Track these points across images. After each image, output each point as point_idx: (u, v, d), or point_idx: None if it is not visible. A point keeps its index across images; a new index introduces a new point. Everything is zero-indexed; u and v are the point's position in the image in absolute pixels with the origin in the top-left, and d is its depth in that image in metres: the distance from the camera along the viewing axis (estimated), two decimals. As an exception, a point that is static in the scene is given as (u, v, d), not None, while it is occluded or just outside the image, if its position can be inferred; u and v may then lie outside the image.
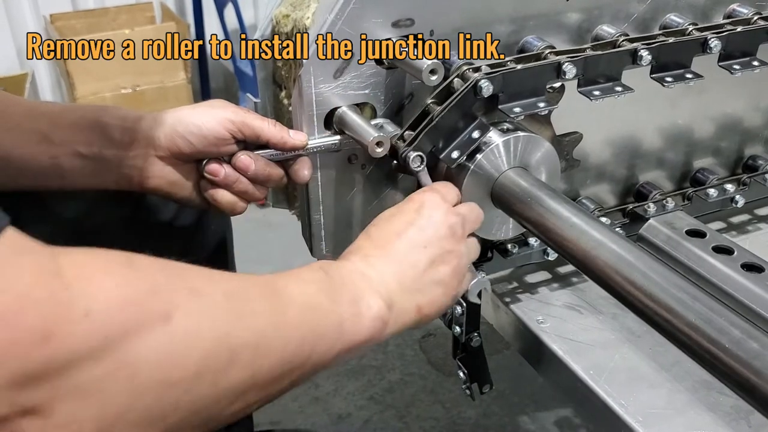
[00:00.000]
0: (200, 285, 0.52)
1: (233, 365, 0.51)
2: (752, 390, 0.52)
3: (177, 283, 0.51)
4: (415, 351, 1.92)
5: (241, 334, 0.52)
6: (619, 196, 0.98)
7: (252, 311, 0.55)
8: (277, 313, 0.56)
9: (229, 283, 0.55)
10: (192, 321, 0.49)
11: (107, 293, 0.45)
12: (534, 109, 0.77)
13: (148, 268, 0.50)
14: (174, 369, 0.47)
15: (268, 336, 0.55)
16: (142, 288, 0.47)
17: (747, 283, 0.83)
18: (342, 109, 0.77)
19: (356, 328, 0.62)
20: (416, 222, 0.69)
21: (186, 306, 0.49)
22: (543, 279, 0.94)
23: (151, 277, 0.49)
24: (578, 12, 0.84)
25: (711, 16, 0.91)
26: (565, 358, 0.81)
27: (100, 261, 0.47)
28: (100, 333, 0.44)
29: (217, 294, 0.53)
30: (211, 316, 0.51)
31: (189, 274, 0.53)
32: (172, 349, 0.47)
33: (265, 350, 0.54)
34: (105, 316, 0.44)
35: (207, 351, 0.49)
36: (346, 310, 0.62)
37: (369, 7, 0.74)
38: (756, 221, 1.06)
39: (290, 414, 1.74)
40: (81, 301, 0.44)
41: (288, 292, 0.59)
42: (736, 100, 0.99)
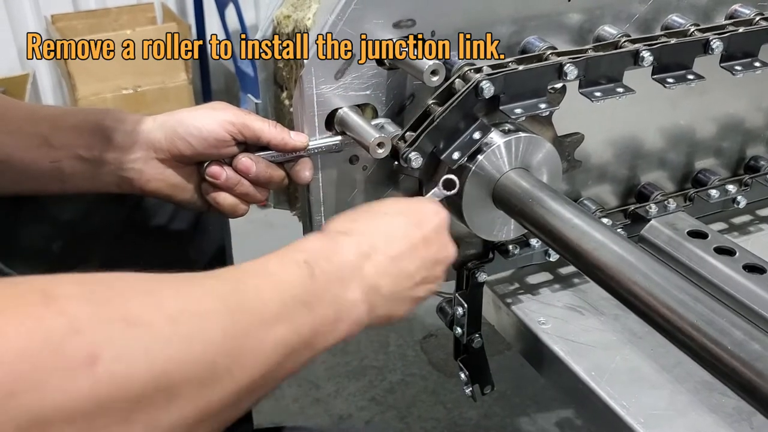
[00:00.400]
0: (139, 311, 0.45)
1: (174, 403, 0.44)
2: (754, 391, 0.52)
3: (107, 313, 0.43)
4: (417, 352, 1.92)
5: (185, 367, 0.45)
6: (620, 197, 0.98)
7: (203, 336, 0.47)
8: (237, 335, 0.49)
9: (178, 301, 0.48)
10: (123, 361, 0.42)
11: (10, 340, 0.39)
12: (535, 110, 0.77)
13: (70, 301, 0.42)
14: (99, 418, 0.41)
15: (219, 365, 0.47)
16: (58, 328, 0.40)
17: (749, 284, 0.83)
18: (343, 110, 0.77)
19: (332, 335, 0.57)
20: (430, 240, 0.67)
21: (116, 343, 0.42)
22: (544, 280, 0.94)
23: (72, 313, 0.42)
24: (580, 12, 0.84)
25: (713, 16, 0.91)
26: (567, 359, 0.81)
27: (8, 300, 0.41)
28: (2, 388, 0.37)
29: (158, 320, 0.45)
30: (149, 351, 0.43)
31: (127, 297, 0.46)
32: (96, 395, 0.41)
33: (214, 381, 0.47)
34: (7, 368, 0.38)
35: (140, 392, 0.43)
36: (323, 318, 0.56)
37: (370, 8, 0.74)
38: (758, 222, 1.06)
39: (291, 415, 1.74)
40: None
41: (257, 302, 0.52)
42: (737, 101, 0.99)
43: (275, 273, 0.56)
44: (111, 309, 0.44)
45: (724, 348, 0.53)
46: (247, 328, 0.50)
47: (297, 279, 0.56)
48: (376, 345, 1.94)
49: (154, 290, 0.48)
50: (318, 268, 0.57)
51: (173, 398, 0.44)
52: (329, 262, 0.59)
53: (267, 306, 0.52)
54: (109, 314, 0.43)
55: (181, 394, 0.45)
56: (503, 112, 0.76)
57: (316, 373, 1.84)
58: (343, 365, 1.87)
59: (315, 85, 0.75)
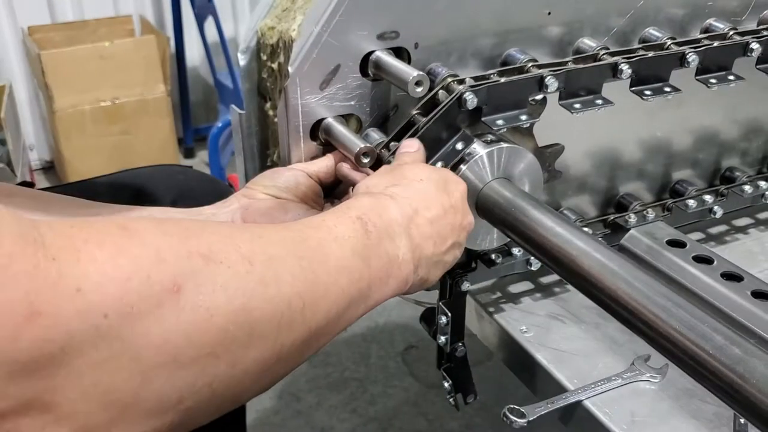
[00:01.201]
0: (215, 248, 0.46)
1: (254, 342, 0.46)
2: (735, 395, 0.53)
3: (186, 248, 0.44)
4: (398, 363, 1.92)
5: (262, 306, 0.47)
6: (600, 207, 1.00)
7: (277, 278, 0.49)
8: (306, 280, 0.51)
9: (252, 243, 0.49)
10: (204, 293, 0.43)
11: (100, 266, 0.39)
12: (516, 121, 0.78)
13: (150, 233, 0.43)
14: (186, 349, 0.42)
15: (293, 307, 0.49)
16: (143, 257, 0.41)
17: (727, 291, 0.84)
18: (328, 120, 0.78)
19: (383, 290, 0.60)
20: (457, 207, 0.70)
21: (197, 275, 0.43)
22: (526, 289, 0.95)
23: (153, 244, 0.42)
24: (560, 25, 0.85)
25: (688, 30, 0.93)
26: (549, 366, 0.82)
27: (89, 230, 0.41)
28: (95, 312, 0.38)
29: (235, 258, 0.46)
30: (228, 286, 0.45)
31: (201, 235, 0.46)
32: (181, 327, 0.42)
33: (289, 323, 0.49)
34: (99, 292, 0.39)
35: (223, 328, 0.44)
36: (378, 271, 0.59)
37: (355, 20, 0.74)
38: (734, 232, 1.08)
39: (273, 427, 1.73)
40: (70, 275, 0.38)
41: (321, 253, 0.54)
42: (713, 113, 1.01)
43: (334, 227, 0.58)
44: (190, 244, 0.45)
45: (706, 352, 0.54)
46: (314, 276, 0.52)
47: (353, 233, 0.58)
48: (357, 357, 1.93)
49: (227, 233, 0.49)
50: (371, 223, 0.60)
51: (253, 336, 0.46)
52: (380, 219, 0.61)
53: (329, 258, 0.54)
54: (189, 248, 0.44)
55: (260, 333, 0.46)
56: (485, 123, 0.77)
57: (297, 385, 1.84)
58: (324, 377, 1.87)
59: (300, 96, 0.75)
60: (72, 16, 2.86)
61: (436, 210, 0.67)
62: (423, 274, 0.66)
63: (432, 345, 0.91)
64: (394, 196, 0.65)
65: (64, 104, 2.59)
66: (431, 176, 0.70)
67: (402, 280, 0.62)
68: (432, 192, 0.68)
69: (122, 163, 2.42)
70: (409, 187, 0.67)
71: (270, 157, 0.92)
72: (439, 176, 0.71)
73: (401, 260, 0.62)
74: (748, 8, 0.95)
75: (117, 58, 2.60)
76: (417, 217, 0.65)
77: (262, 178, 0.77)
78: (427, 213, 0.66)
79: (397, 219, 0.63)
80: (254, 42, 0.88)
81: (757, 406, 0.52)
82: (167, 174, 1.01)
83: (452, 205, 0.69)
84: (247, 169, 0.93)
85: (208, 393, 0.44)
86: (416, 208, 0.66)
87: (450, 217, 0.69)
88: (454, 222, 0.69)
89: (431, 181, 0.69)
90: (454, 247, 0.70)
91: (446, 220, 0.68)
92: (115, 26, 2.86)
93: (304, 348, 0.51)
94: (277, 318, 0.48)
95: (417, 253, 0.64)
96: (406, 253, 0.63)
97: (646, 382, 0.79)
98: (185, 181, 1.02)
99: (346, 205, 0.62)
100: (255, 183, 0.77)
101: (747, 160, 1.08)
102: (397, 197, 0.65)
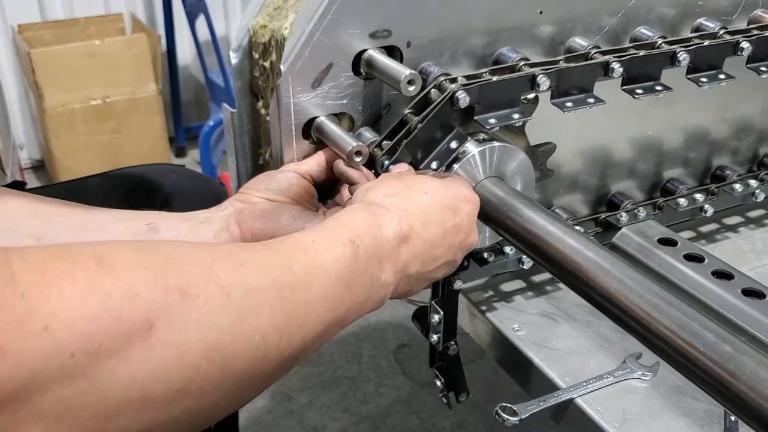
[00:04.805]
0: (193, 280, 0.45)
1: (226, 376, 0.45)
2: (726, 392, 0.53)
3: (162, 282, 0.43)
4: (390, 362, 1.92)
5: (237, 341, 0.46)
6: (591, 205, 1.00)
7: (255, 310, 0.48)
8: (285, 311, 0.50)
9: (233, 273, 0.48)
10: (177, 330, 0.42)
11: (70, 304, 0.39)
12: (509, 120, 0.78)
13: (125, 267, 0.42)
14: (154, 386, 0.42)
15: (269, 340, 0.48)
16: (116, 294, 0.41)
17: (717, 290, 0.85)
18: (320, 119, 0.78)
19: (360, 311, 0.59)
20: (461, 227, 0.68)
21: (171, 311, 0.42)
22: (518, 287, 0.95)
23: (127, 280, 0.42)
24: (551, 24, 0.86)
25: (679, 29, 0.93)
26: (541, 365, 0.82)
27: (63, 264, 0.40)
28: (62, 350, 0.38)
29: (213, 291, 0.45)
30: (202, 322, 0.44)
31: (181, 266, 0.45)
32: (151, 365, 0.41)
33: (264, 356, 0.48)
34: (67, 330, 0.38)
35: (194, 365, 0.43)
36: (358, 296, 0.58)
37: (347, 19, 0.74)
38: (724, 230, 1.09)
39: (265, 427, 1.73)
40: (38, 313, 0.37)
41: (304, 281, 0.53)
42: (703, 112, 1.02)
43: (323, 251, 0.56)
44: (166, 277, 0.44)
45: (697, 350, 0.55)
46: (294, 306, 0.51)
47: (342, 258, 0.57)
48: (350, 356, 1.93)
49: (208, 261, 0.47)
50: (362, 247, 0.58)
51: (225, 371, 0.45)
52: (373, 241, 0.60)
53: (312, 286, 0.53)
54: (165, 282, 0.43)
55: (232, 368, 0.45)
56: (478, 122, 0.77)
57: (289, 385, 1.83)
58: (316, 376, 1.87)
59: (292, 94, 0.75)
60: (62, 14, 2.85)
61: (434, 230, 0.65)
62: (404, 289, 0.65)
63: (424, 343, 0.91)
64: (391, 209, 0.63)
65: (54, 103, 2.58)
66: (438, 191, 0.67)
67: (380, 300, 0.61)
68: (435, 208, 0.66)
69: (113, 162, 2.41)
70: (410, 199, 0.65)
71: (262, 155, 0.92)
72: (448, 192, 0.68)
73: (383, 282, 0.61)
74: (738, 7, 0.96)
75: (108, 57, 2.59)
76: (411, 236, 0.63)
77: (255, 182, 0.77)
78: (423, 232, 0.64)
79: (389, 239, 0.61)
80: (246, 40, 0.88)
81: (748, 404, 0.52)
82: (160, 173, 1.01)
83: (456, 224, 0.67)
84: (239, 168, 0.93)
85: (175, 425, 0.44)
86: (413, 225, 0.63)
87: (450, 237, 0.67)
88: (453, 242, 0.67)
89: (437, 196, 0.67)
90: (446, 265, 0.68)
91: (444, 240, 0.66)
92: (105, 24, 2.85)
93: (277, 374, 0.51)
94: (251, 352, 0.47)
95: (402, 272, 0.63)
96: (389, 275, 0.61)
97: (638, 379, 0.79)
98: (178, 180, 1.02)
99: (340, 223, 0.60)
100: (249, 187, 0.76)
101: (737, 158, 1.08)
102: (394, 211, 0.63)
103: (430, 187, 0.67)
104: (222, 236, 0.71)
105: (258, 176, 0.78)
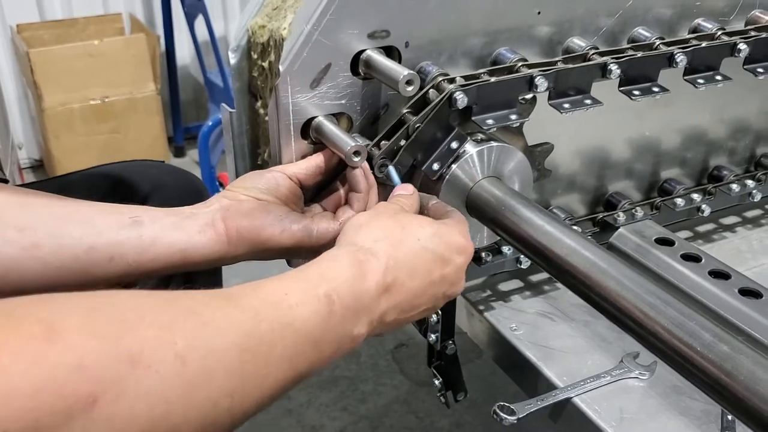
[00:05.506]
0: (148, 347, 0.43)
1: None
2: (723, 391, 0.53)
3: (114, 351, 0.41)
4: (388, 361, 1.92)
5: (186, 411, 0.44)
6: (588, 205, 1.00)
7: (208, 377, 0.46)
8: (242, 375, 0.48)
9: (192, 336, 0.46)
10: (123, 402, 0.40)
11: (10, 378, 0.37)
12: (507, 120, 0.78)
13: (75, 336, 0.40)
14: None
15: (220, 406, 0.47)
16: (61, 367, 0.39)
17: (714, 289, 0.85)
18: (319, 119, 0.78)
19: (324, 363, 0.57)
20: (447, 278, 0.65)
21: (118, 383, 0.40)
22: (516, 287, 0.96)
23: (76, 350, 0.40)
24: (549, 25, 0.86)
25: (677, 30, 0.94)
26: (539, 364, 0.82)
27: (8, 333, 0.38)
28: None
29: (167, 358, 0.43)
30: (151, 394, 0.42)
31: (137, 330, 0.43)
32: None
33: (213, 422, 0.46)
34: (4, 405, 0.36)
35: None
36: (326, 353, 0.56)
37: (345, 19, 0.74)
38: (721, 230, 1.09)
39: (263, 426, 1.73)
40: None
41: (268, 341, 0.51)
42: (700, 113, 1.02)
43: (295, 307, 0.54)
44: (118, 345, 0.42)
45: (694, 350, 0.55)
46: (253, 368, 0.49)
47: (314, 315, 0.54)
48: (348, 355, 1.94)
49: (167, 322, 0.46)
50: (339, 302, 0.56)
51: None
52: (351, 294, 0.57)
53: (276, 346, 0.51)
54: (116, 351, 0.41)
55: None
56: (476, 122, 0.77)
57: (287, 385, 1.83)
58: (314, 376, 1.87)
59: (291, 95, 0.75)
60: (61, 14, 2.85)
61: (420, 280, 0.63)
62: (375, 334, 0.62)
63: (422, 343, 0.91)
64: (380, 255, 0.61)
65: (53, 102, 2.58)
66: (432, 239, 0.65)
67: (349, 351, 0.59)
68: (426, 258, 0.64)
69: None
70: (401, 245, 0.63)
71: (260, 155, 0.92)
72: (442, 241, 0.65)
73: (355, 335, 0.58)
74: (735, 8, 0.96)
75: (106, 57, 2.59)
76: (395, 286, 0.61)
77: (243, 180, 0.77)
78: (408, 281, 0.62)
79: (370, 291, 0.59)
80: (245, 40, 0.88)
81: (744, 403, 0.52)
82: (141, 168, 1.01)
83: (443, 275, 0.65)
84: (238, 168, 0.93)
85: None
86: (398, 275, 0.61)
87: (434, 288, 0.65)
88: (437, 292, 0.65)
89: (430, 245, 0.64)
90: (425, 312, 0.66)
91: (428, 291, 0.64)
92: (104, 24, 2.85)
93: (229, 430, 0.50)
94: (200, 420, 0.45)
95: (377, 322, 0.60)
96: (363, 327, 0.59)
97: (635, 379, 0.79)
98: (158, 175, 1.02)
99: (319, 272, 0.58)
100: (236, 185, 0.76)
101: (734, 159, 1.08)
102: (382, 258, 0.61)
103: (424, 234, 0.65)
104: (207, 232, 0.71)
105: (246, 175, 0.78)
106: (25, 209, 0.69)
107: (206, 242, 0.71)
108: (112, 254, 0.68)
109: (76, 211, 0.70)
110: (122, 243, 0.69)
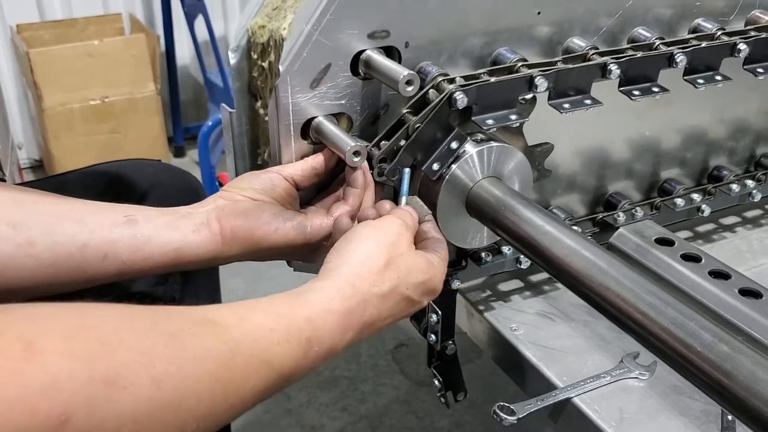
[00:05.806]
0: (125, 369, 0.43)
1: None
2: (723, 391, 0.53)
3: (90, 371, 0.42)
4: (388, 361, 1.92)
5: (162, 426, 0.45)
6: (588, 205, 1.00)
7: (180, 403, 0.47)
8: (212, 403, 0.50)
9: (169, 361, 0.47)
10: (95, 423, 0.41)
11: None
12: (506, 121, 0.78)
13: (53, 356, 0.41)
14: None
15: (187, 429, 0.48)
16: (35, 386, 0.39)
17: (714, 289, 0.85)
18: (318, 119, 0.78)
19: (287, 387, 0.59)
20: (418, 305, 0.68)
21: (91, 404, 0.41)
22: (516, 287, 0.96)
23: (52, 370, 0.40)
24: (549, 25, 0.86)
25: (677, 30, 0.94)
26: (539, 364, 0.82)
27: None
28: None
29: (143, 381, 0.44)
30: (122, 416, 0.42)
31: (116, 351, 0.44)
32: None
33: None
34: None
35: None
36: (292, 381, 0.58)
37: (345, 19, 0.75)
38: (721, 230, 1.09)
39: (263, 426, 1.73)
40: None
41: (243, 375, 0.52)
42: (700, 113, 1.02)
43: (276, 344, 0.55)
44: (95, 367, 0.42)
45: (694, 350, 0.55)
46: (224, 398, 0.50)
47: (291, 356, 0.56)
48: (348, 355, 1.94)
49: (148, 346, 0.46)
50: (317, 347, 0.58)
51: None
52: (330, 343, 0.60)
53: (250, 381, 0.53)
54: (92, 373, 0.42)
55: None
56: (476, 122, 0.77)
57: (287, 385, 1.83)
58: (314, 375, 1.87)
59: (290, 95, 0.76)
60: (61, 14, 2.85)
61: (401, 313, 0.67)
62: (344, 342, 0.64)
63: (422, 343, 0.91)
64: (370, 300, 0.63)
65: (53, 102, 2.58)
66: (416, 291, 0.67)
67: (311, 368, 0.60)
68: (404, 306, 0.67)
69: (112, 162, 2.40)
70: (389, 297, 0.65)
71: (260, 155, 0.92)
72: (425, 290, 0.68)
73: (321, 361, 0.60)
74: (735, 9, 0.96)
75: (106, 57, 2.59)
76: (377, 323, 0.64)
77: (239, 180, 0.77)
78: (380, 323, 0.65)
79: (351, 337, 0.62)
80: (245, 40, 0.88)
81: (744, 403, 0.52)
82: (137, 167, 1.01)
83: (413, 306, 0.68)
84: (238, 168, 0.93)
85: None
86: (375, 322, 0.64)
87: (415, 306, 0.68)
88: (415, 308, 0.69)
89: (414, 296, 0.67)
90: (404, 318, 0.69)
91: (409, 310, 0.68)
92: (104, 24, 2.85)
93: None
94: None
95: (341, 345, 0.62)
96: (339, 350, 0.61)
97: (635, 379, 0.79)
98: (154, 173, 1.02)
99: (307, 319, 0.58)
100: (232, 186, 0.77)
101: (734, 159, 1.08)
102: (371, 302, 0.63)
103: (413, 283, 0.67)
104: (202, 231, 0.71)
105: (242, 175, 0.79)
106: (19, 206, 0.69)
107: (200, 242, 0.71)
108: (105, 252, 0.69)
109: (70, 209, 0.71)
110: (116, 241, 0.69)
